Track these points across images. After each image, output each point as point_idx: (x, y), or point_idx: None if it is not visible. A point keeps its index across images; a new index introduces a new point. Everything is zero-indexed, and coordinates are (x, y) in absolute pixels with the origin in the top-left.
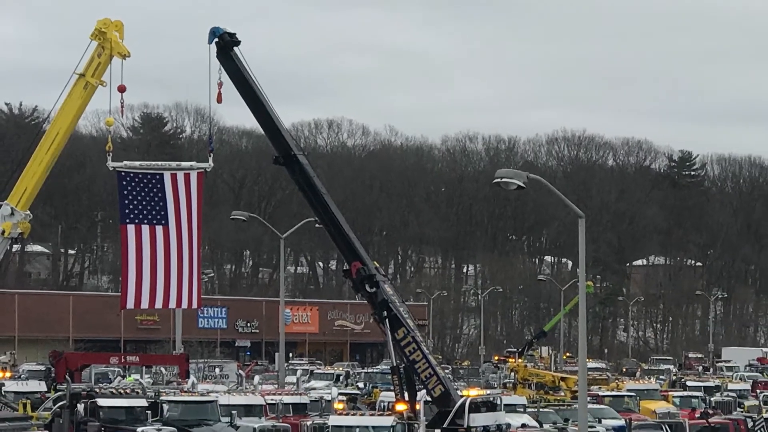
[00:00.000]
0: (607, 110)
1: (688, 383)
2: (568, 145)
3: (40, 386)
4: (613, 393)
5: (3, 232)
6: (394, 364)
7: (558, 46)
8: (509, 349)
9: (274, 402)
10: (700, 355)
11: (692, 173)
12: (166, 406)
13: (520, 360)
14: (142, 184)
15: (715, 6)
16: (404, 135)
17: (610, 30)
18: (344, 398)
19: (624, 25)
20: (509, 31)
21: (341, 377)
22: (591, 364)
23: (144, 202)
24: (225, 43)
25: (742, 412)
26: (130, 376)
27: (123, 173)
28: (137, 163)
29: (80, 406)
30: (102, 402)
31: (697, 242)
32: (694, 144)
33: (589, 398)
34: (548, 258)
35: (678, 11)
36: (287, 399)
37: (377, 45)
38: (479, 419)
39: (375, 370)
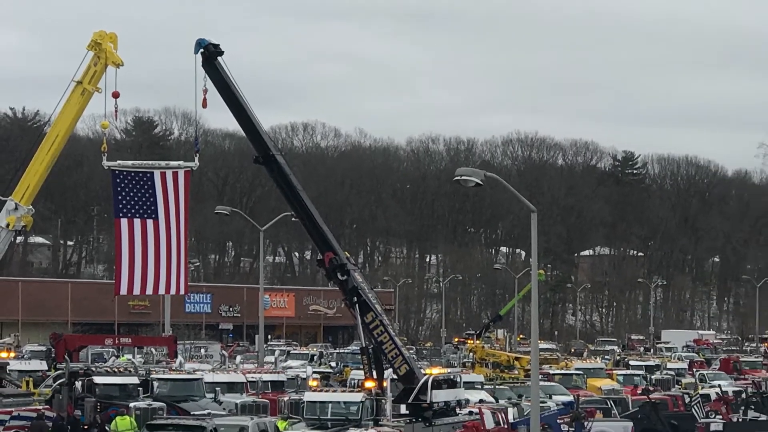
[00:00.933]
0: (557, 114)
1: (631, 363)
2: (522, 146)
3: (41, 365)
4: (563, 371)
5: (8, 225)
6: (364, 345)
7: (512, 56)
8: (468, 332)
9: (254, 380)
10: (641, 337)
11: (634, 172)
12: (156, 384)
13: (478, 341)
14: (134, 182)
15: (653, 20)
16: (373, 137)
17: (559, 42)
18: (318, 376)
19: (572, 38)
20: (468, 43)
21: (315, 357)
22: (542, 345)
23: (136, 198)
24: (210, 54)
25: (679, 388)
26: (123, 356)
27: (117, 172)
28: (130, 162)
29: (78, 384)
30: (98, 380)
31: (639, 234)
32: (636, 145)
33: (540, 376)
34: (503, 249)
35: (620, 25)
36: (266, 377)
37: (349, 55)
38: (441, 395)
39: (346, 351)
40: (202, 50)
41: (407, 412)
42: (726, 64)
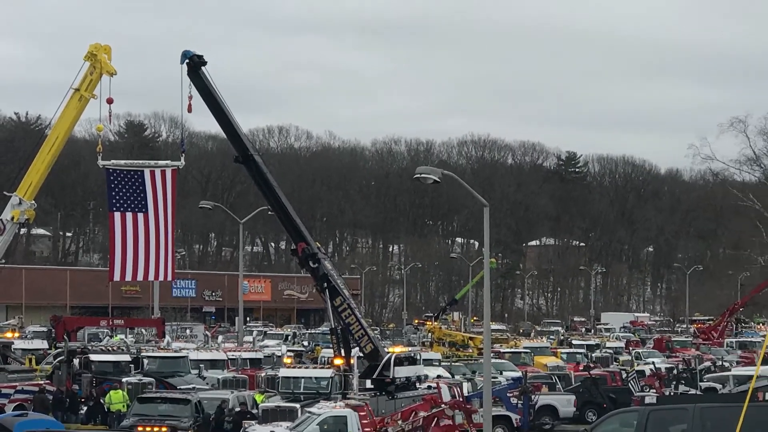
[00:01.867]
0: (507, 118)
1: (574, 342)
2: (475, 147)
3: (43, 344)
4: (512, 350)
5: (12, 218)
6: (333, 326)
7: (467, 66)
8: (427, 314)
9: (234, 357)
10: (583, 319)
11: (577, 170)
12: (146, 361)
13: (435, 323)
14: (126, 179)
15: (593, 34)
16: (341, 139)
17: (509, 53)
18: (292, 354)
19: (521, 50)
20: (428, 54)
21: (289, 337)
22: (494, 326)
23: (128, 194)
24: (194, 64)
25: (617, 365)
26: (116, 336)
27: (111, 170)
28: (122, 161)
29: (76, 361)
30: (94, 357)
31: (581, 227)
32: (579, 146)
33: (492, 354)
34: (459, 239)
35: (564, 39)
36: (245, 355)
37: (320, 65)
38: (402, 371)
39: (317, 331)
40: (187, 60)
41: (372, 386)
42: (659, 74)
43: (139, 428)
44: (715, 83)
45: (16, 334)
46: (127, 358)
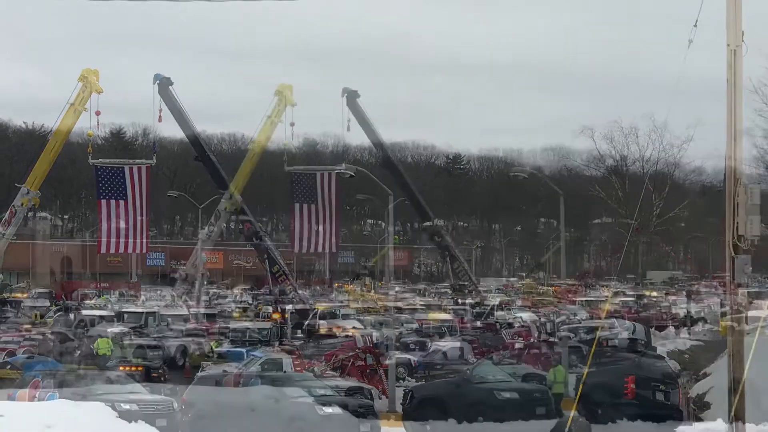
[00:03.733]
0: (407, 126)
1: (459, 300)
2: (382, 149)
3: (45, 303)
4: (412, 307)
5: (22, 204)
6: (272, 289)
7: (376, 85)
8: (345, 279)
9: (195, 313)
10: (466, 283)
11: (461, 167)
12: (126, 315)
13: (352, 285)
14: (110, 174)
15: (471, 59)
16: (278, 143)
17: (412, 77)
18: (240, 310)
19: (419, 75)
20: (346, 76)
21: (237, 297)
22: (396, 289)
23: (112, 185)
24: (164, 84)
25: (493, 319)
26: (103, 296)
27: (99, 167)
28: (107, 160)
29: (71, 315)
30: (85, 312)
31: (464, 211)
32: (463, 148)
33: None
34: (370, 221)
35: (452, 66)
36: (203, 311)
37: (264, 84)
38: (326, 324)
39: (259, 293)
40: (158, 81)
41: (302, 335)
42: (526, 90)
43: (121, 368)
44: (570, 97)
45: (25, 295)
46: (111, 313)
